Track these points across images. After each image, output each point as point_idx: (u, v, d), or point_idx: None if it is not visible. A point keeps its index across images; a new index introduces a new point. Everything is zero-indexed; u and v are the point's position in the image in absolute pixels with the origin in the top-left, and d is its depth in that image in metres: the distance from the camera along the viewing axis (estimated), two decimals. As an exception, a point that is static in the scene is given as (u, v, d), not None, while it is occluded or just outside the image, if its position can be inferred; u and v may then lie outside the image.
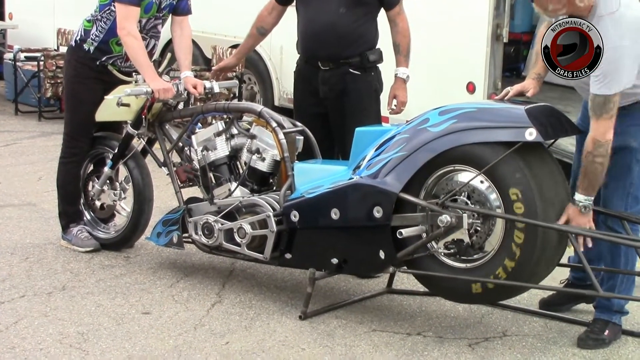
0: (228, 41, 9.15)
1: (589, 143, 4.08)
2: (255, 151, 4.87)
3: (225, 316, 4.62)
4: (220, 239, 4.85)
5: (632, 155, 4.26)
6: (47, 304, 4.68)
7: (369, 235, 4.42)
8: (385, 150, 4.37)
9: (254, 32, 5.44)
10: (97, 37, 5.30)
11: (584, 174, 4.12)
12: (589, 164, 4.09)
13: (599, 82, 4.04)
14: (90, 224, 5.64)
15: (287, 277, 5.19)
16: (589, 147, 4.07)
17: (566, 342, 4.42)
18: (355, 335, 4.43)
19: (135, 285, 5.01)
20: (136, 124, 5.30)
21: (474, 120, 4.18)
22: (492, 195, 4.18)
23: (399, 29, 5.18)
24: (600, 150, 4.06)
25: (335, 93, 5.14)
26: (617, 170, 4.26)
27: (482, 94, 7.09)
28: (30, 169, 7.64)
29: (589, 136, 4.09)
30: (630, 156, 4.26)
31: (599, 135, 4.06)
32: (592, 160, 4.08)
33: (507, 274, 4.11)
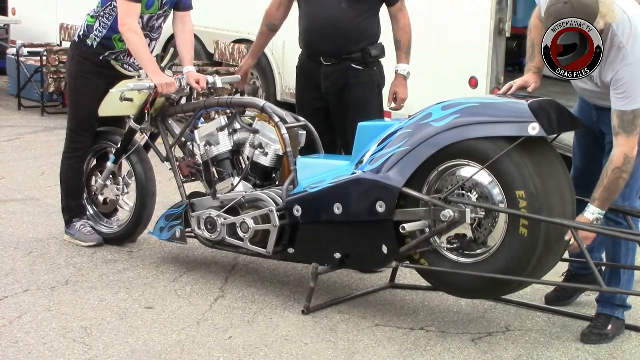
0: (230, 36, 9.15)
1: (619, 158, 4.04)
2: (257, 146, 4.87)
3: (228, 311, 4.62)
4: (223, 233, 4.85)
5: None
6: (50, 299, 4.69)
7: (372, 230, 4.42)
8: (387, 144, 4.37)
9: (265, 29, 5.43)
10: (99, 33, 5.31)
11: (606, 188, 4.09)
12: (614, 179, 4.07)
13: (625, 98, 4.03)
14: (93, 219, 5.65)
15: (290, 271, 5.20)
16: (619, 163, 4.04)
17: (569, 337, 4.42)
18: (358, 329, 4.44)
19: (138, 279, 5.02)
20: (139, 118, 5.30)
21: (476, 114, 4.17)
22: (495, 190, 4.18)
23: (400, 25, 5.18)
24: (628, 166, 4.06)
25: (337, 88, 5.14)
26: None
27: (485, 88, 7.09)
28: (33, 164, 7.64)
29: (619, 151, 4.05)
30: None
31: (629, 151, 4.04)
32: (619, 175, 4.06)
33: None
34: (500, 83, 7.02)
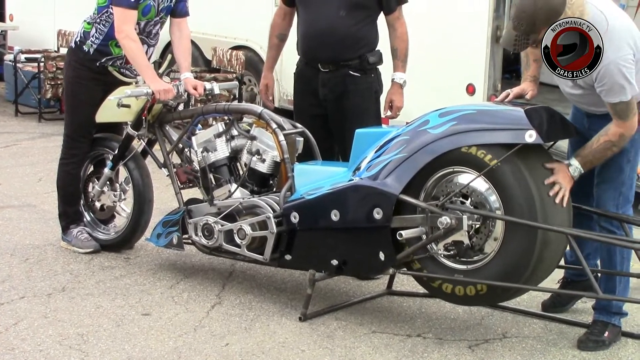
0: (228, 42, 9.16)
1: (615, 135, 4.11)
2: (255, 152, 4.88)
3: (225, 318, 4.62)
4: (220, 240, 4.85)
5: (623, 155, 4.29)
6: (47, 305, 4.68)
7: (369, 237, 4.42)
8: (385, 151, 4.37)
9: (276, 40, 5.43)
10: (96, 39, 5.31)
11: (593, 152, 4.16)
12: (604, 149, 4.14)
13: (611, 93, 4.07)
14: (90, 225, 5.64)
15: (287, 278, 5.20)
16: (613, 138, 4.12)
17: (566, 344, 4.42)
18: (355, 336, 4.44)
19: (135, 286, 5.01)
20: (136, 125, 5.30)
21: (474, 122, 4.18)
22: (492, 197, 4.18)
23: (397, 33, 5.19)
24: (622, 143, 4.13)
25: (336, 95, 5.15)
26: (609, 171, 4.31)
27: (482, 95, 7.10)
28: (30, 170, 7.64)
29: (616, 130, 4.11)
30: (622, 157, 4.29)
31: (628, 131, 4.12)
32: (609, 147, 4.13)
33: None
34: (497, 90, 7.03)
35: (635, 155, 4.34)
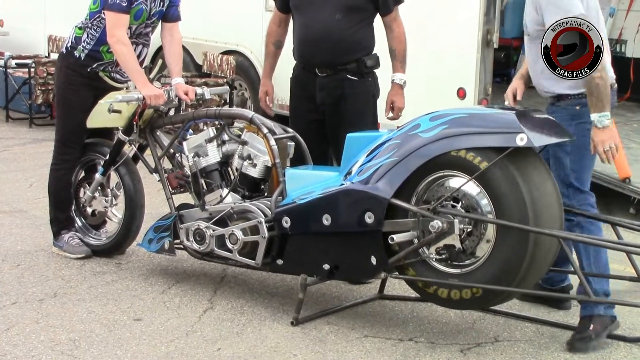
0: (219, 47, 9.15)
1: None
2: (246, 157, 4.87)
3: (217, 322, 4.61)
4: (212, 245, 4.85)
5: (559, 148, 4.38)
6: (38, 311, 4.67)
7: (361, 241, 4.42)
8: (376, 156, 4.38)
9: (272, 48, 5.42)
10: (87, 45, 5.30)
11: (589, 93, 4.20)
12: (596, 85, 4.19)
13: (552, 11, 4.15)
14: (82, 231, 5.63)
15: (279, 283, 5.19)
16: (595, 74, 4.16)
17: (558, 347, 4.42)
18: (347, 341, 4.44)
19: (126, 291, 5.01)
20: (127, 130, 5.30)
21: (465, 125, 4.19)
22: (484, 201, 4.19)
23: (395, 34, 5.19)
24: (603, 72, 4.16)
25: (333, 99, 5.14)
26: (551, 165, 4.40)
27: (473, 99, 7.11)
28: (22, 176, 7.62)
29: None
30: (558, 149, 4.39)
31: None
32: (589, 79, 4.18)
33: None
34: (488, 94, 7.06)
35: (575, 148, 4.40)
